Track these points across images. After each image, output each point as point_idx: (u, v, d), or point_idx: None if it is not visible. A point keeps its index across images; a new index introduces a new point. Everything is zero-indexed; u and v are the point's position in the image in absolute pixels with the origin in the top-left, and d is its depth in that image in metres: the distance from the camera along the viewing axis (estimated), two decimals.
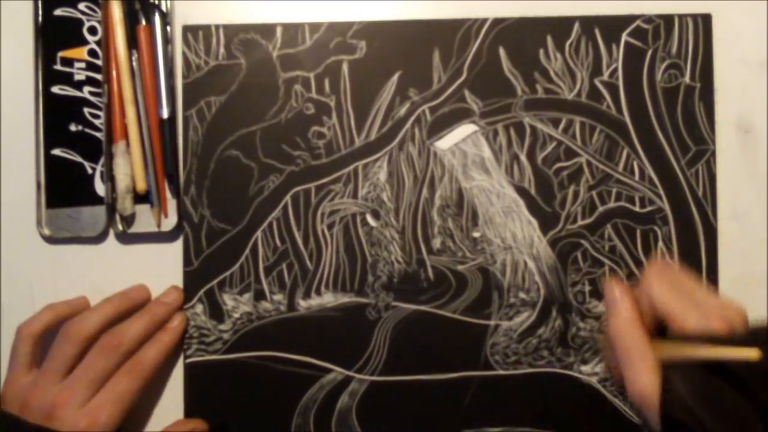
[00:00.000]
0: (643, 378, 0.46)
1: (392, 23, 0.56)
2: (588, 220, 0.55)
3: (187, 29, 0.56)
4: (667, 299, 0.47)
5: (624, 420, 0.55)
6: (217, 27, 0.56)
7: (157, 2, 0.55)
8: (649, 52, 0.55)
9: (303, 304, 0.55)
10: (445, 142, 0.55)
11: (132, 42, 0.55)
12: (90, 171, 0.55)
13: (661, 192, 0.55)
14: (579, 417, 0.54)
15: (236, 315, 0.55)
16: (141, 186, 0.55)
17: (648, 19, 0.56)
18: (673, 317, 0.46)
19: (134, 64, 0.55)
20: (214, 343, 0.55)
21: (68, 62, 0.55)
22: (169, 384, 0.55)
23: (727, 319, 0.45)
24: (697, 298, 0.47)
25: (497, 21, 0.55)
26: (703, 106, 0.55)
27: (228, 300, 0.55)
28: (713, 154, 0.55)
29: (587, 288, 0.55)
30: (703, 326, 0.45)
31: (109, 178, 0.54)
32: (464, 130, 0.56)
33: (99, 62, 0.55)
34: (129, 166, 0.55)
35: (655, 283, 0.47)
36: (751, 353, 0.43)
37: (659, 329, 0.48)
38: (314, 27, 0.56)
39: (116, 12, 0.55)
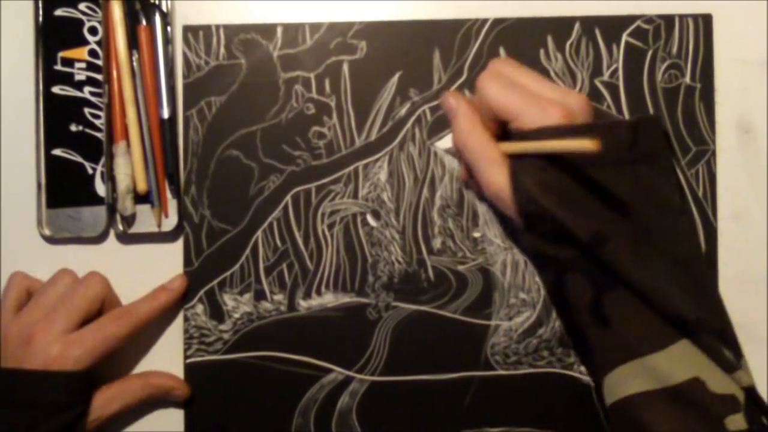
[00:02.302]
0: (495, 178, 0.46)
1: (393, 23, 0.56)
2: None
3: (187, 29, 0.56)
4: (502, 97, 0.46)
5: None
6: (217, 27, 0.56)
7: (157, 2, 0.55)
8: (650, 53, 0.55)
9: (303, 304, 0.55)
10: (445, 143, 0.55)
11: (132, 42, 0.55)
12: (90, 171, 0.55)
13: None
14: (579, 417, 0.54)
15: (236, 315, 0.55)
16: (141, 186, 0.55)
17: (648, 19, 0.56)
18: (512, 116, 0.46)
19: (135, 64, 0.55)
20: (214, 343, 0.55)
21: (69, 62, 0.55)
22: None
23: (566, 109, 0.45)
24: (534, 91, 0.46)
25: (497, 21, 0.55)
26: (703, 106, 0.55)
27: (228, 300, 0.55)
28: (713, 154, 0.55)
29: None
30: (541, 120, 0.45)
31: (110, 178, 0.54)
32: None
33: (99, 62, 0.55)
34: (129, 166, 0.55)
35: (489, 83, 0.47)
36: (590, 144, 0.42)
37: (503, 132, 0.48)
38: (315, 27, 0.56)
39: (117, 12, 0.55)
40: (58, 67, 0.55)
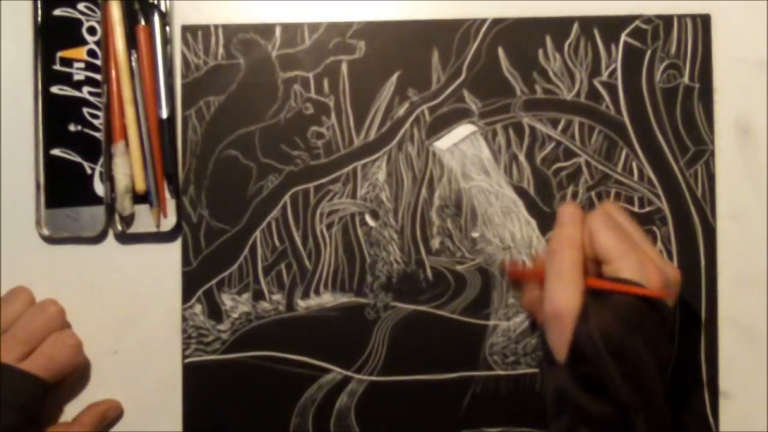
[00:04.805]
0: (567, 295, 0.45)
1: (391, 23, 0.56)
2: None
3: (186, 29, 0.56)
4: (610, 239, 0.46)
5: None
6: (216, 27, 0.56)
7: (156, 2, 0.55)
8: (648, 53, 0.55)
9: (302, 304, 0.55)
10: (444, 143, 0.55)
11: (131, 42, 0.55)
12: (89, 171, 0.55)
13: (660, 192, 0.55)
14: None
15: (235, 315, 0.55)
16: (140, 186, 0.55)
17: (647, 19, 0.56)
18: (612, 259, 0.46)
19: (133, 64, 0.55)
20: (212, 343, 0.55)
21: (67, 62, 0.55)
22: (168, 384, 0.55)
23: (664, 277, 0.45)
24: (639, 247, 0.47)
25: (496, 21, 0.55)
26: (702, 106, 0.55)
27: (227, 300, 0.55)
28: (712, 154, 0.55)
29: None
30: (637, 275, 0.45)
31: (109, 178, 0.54)
32: (463, 130, 0.56)
33: (98, 62, 0.55)
34: (128, 166, 0.55)
35: (600, 222, 0.47)
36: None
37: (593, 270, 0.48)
38: (313, 27, 0.56)
39: (115, 12, 0.55)
40: (57, 67, 0.55)
